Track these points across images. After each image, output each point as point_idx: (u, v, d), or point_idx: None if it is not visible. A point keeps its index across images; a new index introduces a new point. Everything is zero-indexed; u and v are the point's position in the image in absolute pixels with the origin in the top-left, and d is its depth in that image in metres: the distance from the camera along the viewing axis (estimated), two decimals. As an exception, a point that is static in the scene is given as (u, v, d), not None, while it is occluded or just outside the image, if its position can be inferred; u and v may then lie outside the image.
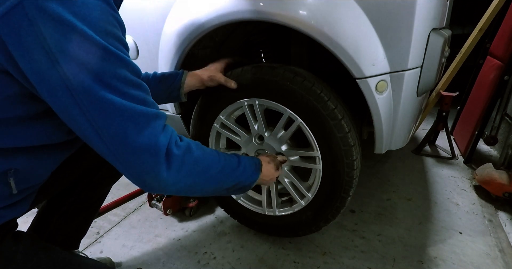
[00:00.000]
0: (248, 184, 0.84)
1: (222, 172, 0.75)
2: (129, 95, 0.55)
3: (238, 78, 1.06)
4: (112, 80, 0.53)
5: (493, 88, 1.81)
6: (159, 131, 0.59)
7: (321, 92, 0.96)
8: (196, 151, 0.69)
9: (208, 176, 0.71)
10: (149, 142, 0.57)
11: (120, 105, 0.54)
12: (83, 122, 0.54)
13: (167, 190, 0.64)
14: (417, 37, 0.87)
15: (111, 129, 0.54)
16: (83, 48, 0.49)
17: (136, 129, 0.56)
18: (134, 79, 0.57)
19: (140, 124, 0.56)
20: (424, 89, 0.99)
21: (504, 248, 1.25)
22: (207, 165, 0.71)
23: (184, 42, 1.08)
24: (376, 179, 1.78)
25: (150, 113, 0.58)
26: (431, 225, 1.39)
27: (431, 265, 1.17)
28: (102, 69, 0.52)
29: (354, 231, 1.36)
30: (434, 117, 2.12)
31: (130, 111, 0.55)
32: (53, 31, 0.47)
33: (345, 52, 0.88)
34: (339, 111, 0.97)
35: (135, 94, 0.56)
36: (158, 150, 0.58)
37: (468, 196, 1.62)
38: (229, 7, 0.96)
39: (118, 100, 0.53)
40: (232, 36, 1.31)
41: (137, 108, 0.56)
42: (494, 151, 2.11)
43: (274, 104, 1.02)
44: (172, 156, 0.61)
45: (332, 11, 0.88)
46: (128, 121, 0.55)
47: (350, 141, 0.97)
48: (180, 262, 1.21)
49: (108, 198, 1.65)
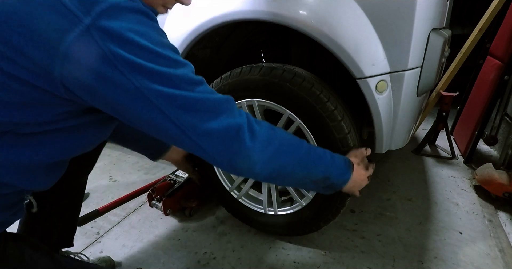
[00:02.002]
0: (339, 183, 0.81)
1: (309, 156, 0.75)
2: (199, 91, 0.60)
3: (237, 79, 1.05)
4: (182, 84, 0.57)
5: (493, 88, 1.81)
6: (236, 113, 0.64)
7: (321, 93, 0.95)
8: (278, 130, 0.72)
9: (296, 156, 0.72)
10: (229, 124, 0.61)
11: (199, 100, 0.59)
12: (170, 127, 0.58)
13: (258, 171, 0.67)
14: (417, 37, 0.87)
15: (197, 126, 0.59)
16: (153, 61, 0.54)
17: (216, 117, 0.61)
18: (196, 77, 0.62)
19: (219, 110, 0.61)
20: (424, 89, 0.99)
21: (504, 248, 1.25)
22: (292, 144, 0.73)
23: (184, 42, 1.08)
24: (376, 179, 1.78)
25: (223, 99, 0.63)
26: (431, 225, 1.39)
27: (431, 265, 1.17)
28: (172, 76, 0.56)
29: (354, 231, 1.36)
30: (434, 117, 2.12)
31: (208, 103, 0.60)
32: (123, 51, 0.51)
33: (345, 52, 0.88)
34: (339, 112, 0.96)
35: (203, 89, 0.61)
36: (240, 127, 0.63)
37: (468, 196, 1.62)
38: (228, 7, 0.96)
39: (194, 96, 0.59)
40: (232, 36, 1.31)
41: (211, 97, 0.61)
42: (494, 151, 2.11)
43: (273, 105, 1.02)
44: (255, 132, 0.65)
45: (332, 11, 0.88)
46: (207, 112, 0.60)
47: (350, 142, 0.97)
48: (180, 262, 1.21)
49: (108, 198, 1.65)
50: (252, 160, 0.65)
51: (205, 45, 1.26)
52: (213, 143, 0.61)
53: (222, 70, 1.41)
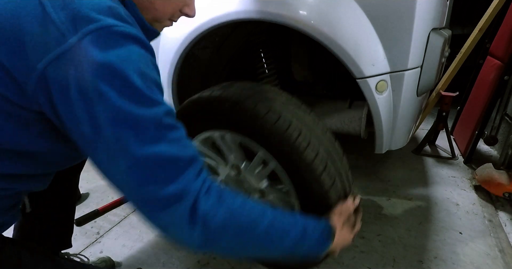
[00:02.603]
0: (312, 255, 0.67)
1: (268, 235, 0.58)
2: (167, 139, 0.51)
3: (207, 106, 0.89)
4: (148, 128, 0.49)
5: (493, 88, 1.81)
6: (191, 180, 0.52)
7: (299, 135, 0.77)
8: (239, 207, 0.56)
9: (251, 238, 0.57)
10: (173, 193, 0.50)
11: (151, 154, 0.49)
12: (105, 160, 0.51)
13: (193, 248, 0.55)
14: (417, 37, 0.87)
15: (134, 178, 0.50)
16: (133, 101, 0.48)
17: (164, 179, 0.50)
18: (167, 121, 0.52)
19: (169, 173, 0.51)
20: (424, 89, 0.99)
21: (504, 248, 1.25)
22: (248, 227, 0.56)
23: (184, 42, 1.08)
24: (376, 179, 1.78)
25: (185, 158, 0.52)
26: (431, 225, 1.39)
27: (431, 265, 1.17)
28: (136, 115, 0.49)
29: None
30: (434, 117, 2.12)
31: (160, 159, 0.50)
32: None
33: (345, 52, 0.88)
34: (321, 160, 0.78)
35: (171, 137, 0.52)
36: (182, 202, 0.51)
37: (468, 196, 1.62)
38: (229, 7, 0.96)
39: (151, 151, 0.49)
40: (232, 36, 1.31)
41: (169, 154, 0.51)
42: (494, 151, 2.11)
43: (247, 141, 0.86)
44: (206, 218, 0.52)
45: (332, 11, 0.88)
46: (158, 169, 0.50)
47: (332, 197, 0.79)
48: (180, 262, 1.21)
49: (108, 198, 1.65)
50: (189, 242, 0.54)
51: (205, 45, 1.26)
52: (150, 207, 0.51)
53: (222, 70, 1.41)
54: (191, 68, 1.27)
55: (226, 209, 0.54)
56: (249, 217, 0.57)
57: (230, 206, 0.55)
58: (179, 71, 1.18)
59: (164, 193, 0.50)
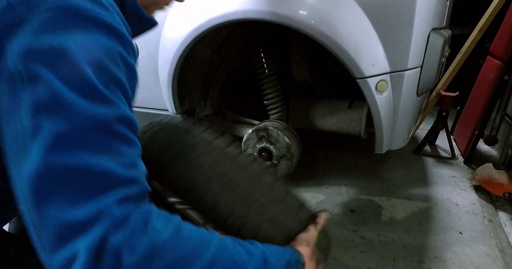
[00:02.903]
0: None
1: (215, 266, 0.42)
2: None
3: None
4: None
5: (493, 88, 1.81)
6: (112, 204, 0.37)
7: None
8: (159, 232, 0.39)
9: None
10: (81, 219, 0.35)
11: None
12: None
13: None
14: (417, 37, 0.87)
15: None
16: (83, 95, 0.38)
17: (75, 197, 0.36)
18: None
19: (88, 189, 0.36)
20: (424, 89, 0.99)
21: (504, 248, 1.25)
22: (182, 256, 0.40)
23: (184, 42, 1.08)
24: (376, 179, 1.78)
25: (120, 178, 0.38)
26: (431, 225, 1.39)
27: (431, 265, 1.17)
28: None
29: (354, 231, 1.35)
30: (434, 117, 2.12)
31: (88, 171, 0.37)
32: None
33: (345, 52, 0.88)
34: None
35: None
36: (88, 233, 0.35)
37: (468, 196, 1.62)
38: (229, 7, 0.96)
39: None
40: (232, 36, 1.31)
41: (103, 168, 0.37)
42: (494, 151, 2.11)
43: None
44: (108, 243, 0.36)
45: (332, 11, 0.88)
46: (76, 183, 0.36)
47: None
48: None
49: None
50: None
51: (205, 45, 1.26)
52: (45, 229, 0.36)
53: (222, 70, 1.41)
54: (191, 68, 1.27)
55: (149, 241, 0.38)
56: (185, 249, 0.41)
57: (155, 237, 0.39)
58: (179, 71, 1.17)
59: (68, 216, 0.35)
